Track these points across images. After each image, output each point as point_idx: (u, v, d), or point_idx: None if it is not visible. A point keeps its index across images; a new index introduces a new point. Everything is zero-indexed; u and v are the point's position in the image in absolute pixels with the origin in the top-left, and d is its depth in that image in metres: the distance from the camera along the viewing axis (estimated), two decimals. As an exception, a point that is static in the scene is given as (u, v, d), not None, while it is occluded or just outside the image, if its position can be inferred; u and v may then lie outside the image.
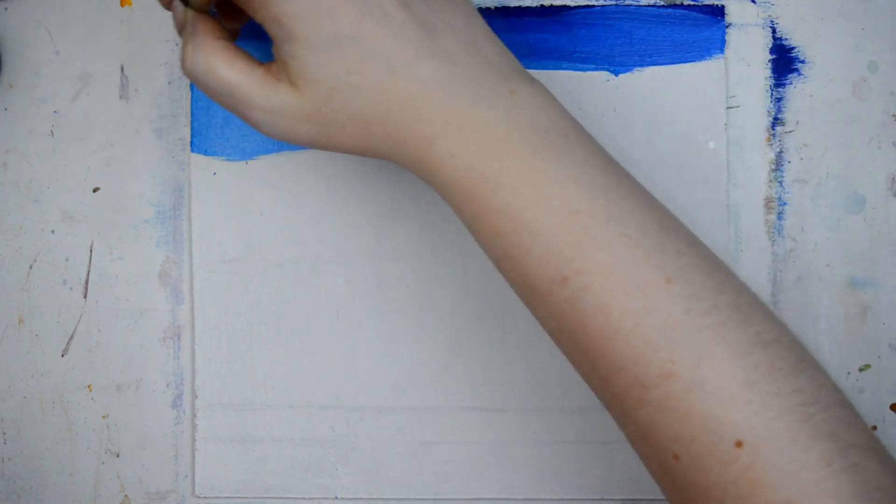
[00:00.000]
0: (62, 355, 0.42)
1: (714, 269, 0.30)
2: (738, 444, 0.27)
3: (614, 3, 0.40)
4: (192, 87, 0.41)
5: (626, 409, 0.30)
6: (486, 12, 0.41)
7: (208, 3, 0.33)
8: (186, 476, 0.41)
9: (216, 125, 0.41)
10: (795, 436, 0.27)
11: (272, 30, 0.30)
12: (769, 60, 0.40)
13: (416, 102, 0.30)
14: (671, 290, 0.29)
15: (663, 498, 0.40)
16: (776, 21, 0.40)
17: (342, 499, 0.41)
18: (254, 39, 0.39)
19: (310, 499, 0.41)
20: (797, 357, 0.29)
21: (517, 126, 0.30)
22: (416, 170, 0.32)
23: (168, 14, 0.41)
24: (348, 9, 0.30)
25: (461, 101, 0.30)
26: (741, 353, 0.28)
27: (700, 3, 0.40)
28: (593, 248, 0.29)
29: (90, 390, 0.42)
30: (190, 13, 0.33)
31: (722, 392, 0.28)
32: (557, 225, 0.29)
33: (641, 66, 0.40)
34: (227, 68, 0.31)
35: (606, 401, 0.31)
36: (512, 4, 0.41)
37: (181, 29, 0.33)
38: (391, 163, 0.35)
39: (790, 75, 0.40)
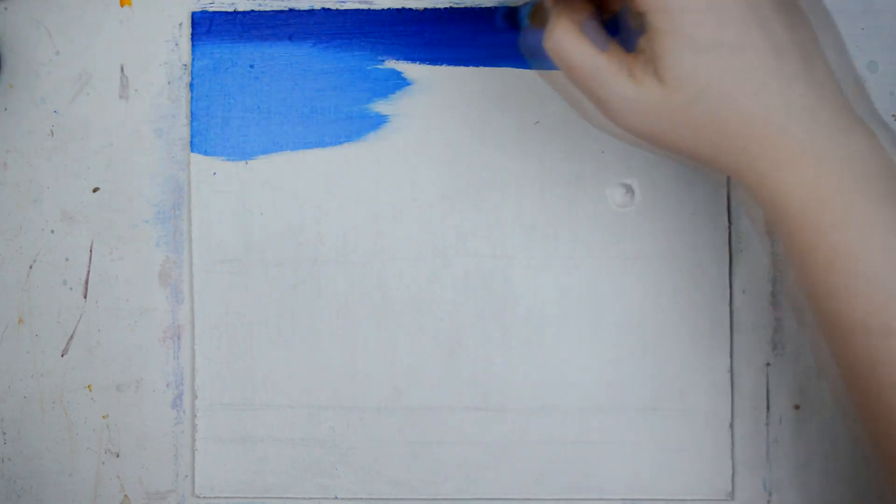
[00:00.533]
0: (62, 355, 0.42)
1: None
2: None
3: (614, 3, 0.40)
4: (192, 86, 0.41)
5: None
6: (485, 12, 0.41)
7: None
8: (186, 476, 0.41)
9: (216, 125, 0.41)
10: None
11: (653, 19, 0.30)
12: (769, 60, 0.40)
13: (781, 122, 0.30)
14: None
15: (663, 498, 0.40)
16: (776, 21, 0.40)
17: (342, 499, 0.41)
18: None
19: (310, 499, 0.41)
20: None
21: (873, 166, 0.30)
22: (756, 189, 0.31)
23: (166, 13, 0.41)
24: (737, 16, 0.29)
25: (826, 129, 0.30)
26: None
27: (700, 3, 0.40)
28: None
29: (90, 390, 0.42)
30: None
31: None
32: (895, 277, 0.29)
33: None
34: (591, 49, 0.31)
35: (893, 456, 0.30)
36: (513, 4, 0.41)
37: (553, 4, 0.32)
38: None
39: (790, 75, 0.40)
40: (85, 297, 0.42)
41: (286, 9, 0.41)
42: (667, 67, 0.30)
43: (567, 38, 0.31)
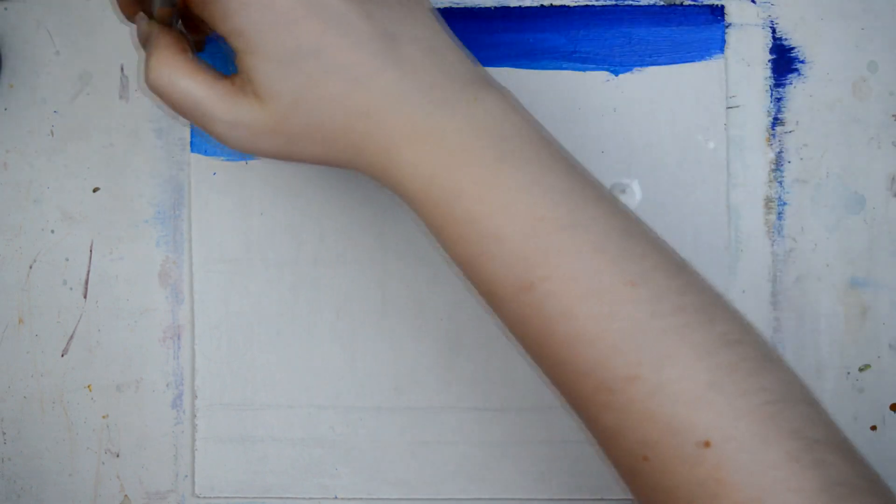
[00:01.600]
0: (62, 355, 0.42)
1: (678, 270, 0.30)
2: (705, 444, 0.27)
3: (614, 2, 0.40)
4: (192, 87, 0.41)
5: (592, 414, 0.30)
6: (486, 12, 0.41)
7: (171, 16, 0.33)
8: (186, 476, 0.41)
9: (216, 125, 0.41)
10: (761, 434, 0.27)
11: (234, 42, 0.30)
12: (769, 60, 0.40)
13: (377, 112, 0.30)
14: (635, 294, 0.29)
15: (663, 498, 0.40)
16: (776, 21, 0.40)
17: (342, 499, 0.41)
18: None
19: (310, 499, 0.41)
20: (762, 355, 0.29)
21: (479, 134, 0.30)
22: (381, 179, 0.32)
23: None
24: (309, 21, 0.30)
25: (423, 110, 0.30)
26: (705, 353, 0.28)
27: (700, 3, 0.40)
28: (557, 254, 0.29)
29: (90, 390, 0.42)
30: (154, 26, 0.33)
31: (687, 393, 0.28)
32: (521, 232, 0.29)
33: (641, 65, 0.40)
34: (190, 81, 0.31)
35: (573, 405, 0.31)
36: (512, 4, 0.41)
37: (144, 42, 0.33)
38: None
39: (790, 75, 0.40)
40: (85, 297, 0.42)
41: (286, 9, 0.41)
42: (259, 84, 0.30)
43: (164, 74, 0.31)
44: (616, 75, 0.40)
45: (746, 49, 0.40)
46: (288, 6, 0.30)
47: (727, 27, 0.40)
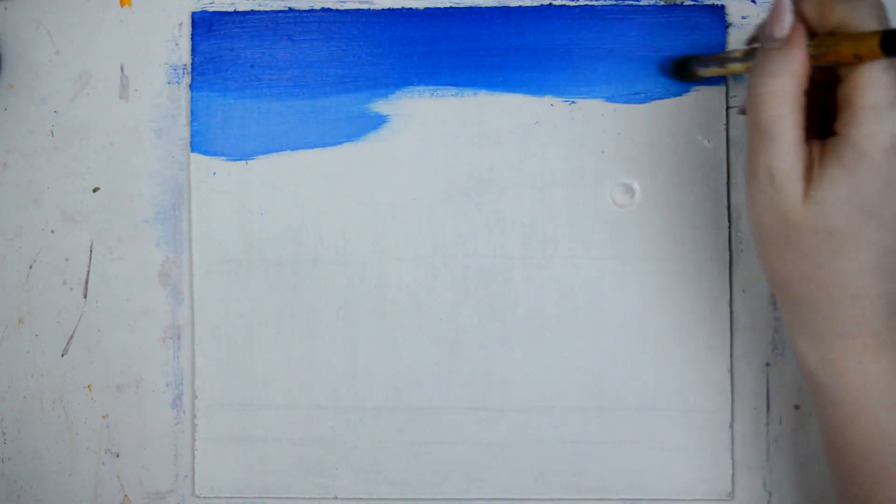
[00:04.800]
0: (62, 355, 0.42)
1: None
2: None
3: (614, 2, 0.40)
4: (192, 86, 0.41)
5: None
6: (486, 12, 0.41)
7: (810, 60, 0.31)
8: (186, 476, 0.41)
9: (216, 125, 0.41)
10: None
11: (849, 117, 0.29)
12: (769, 60, 0.40)
13: (865, 294, 0.30)
14: None
15: (663, 498, 0.40)
16: (776, 21, 0.40)
17: (342, 499, 0.41)
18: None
19: (310, 499, 0.41)
20: None
21: None
22: (811, 350, 0.32)
23: (166, 13, 0.41)
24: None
25: None
26: None
27: (700, 3, 0.40)
28: None
29: (90, 390, 0.42)
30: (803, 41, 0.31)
31: None
32: None
33: (641, 65, 0.40)
34: (793, 127, 0.30)
35: None
36: (512, 4, 0.41)
37: (778, 38, 0.31)
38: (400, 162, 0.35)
39: (790, 75, 0.40)
40: (85, 297, 0.42)
41: (286, 8, 0.41)
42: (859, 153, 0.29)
43: (774, 107, 0.30)
44: (616, 75, 0.40)
45: (746, 49, 0.40)
46: None
47: (727, 27, 0.40)
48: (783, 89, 0.30)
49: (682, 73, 0.39)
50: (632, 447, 0.40)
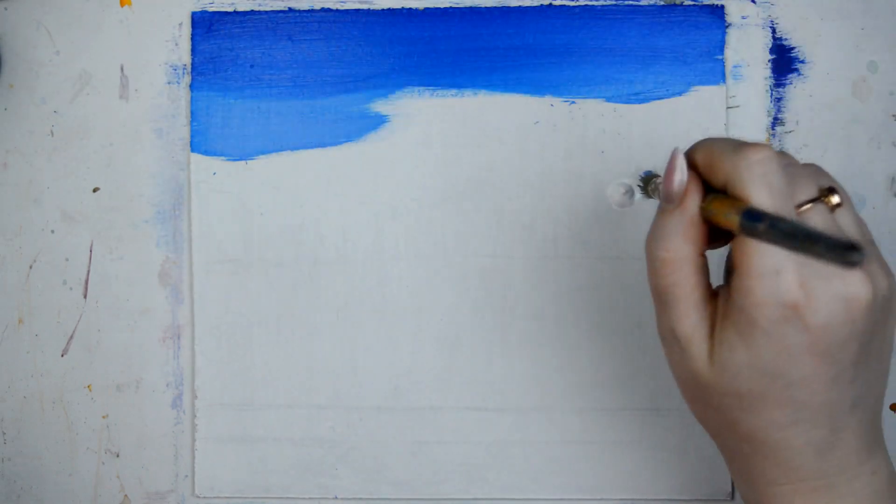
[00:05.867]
0: (62, 355, 0.42)
1: None
2: None
3: (614, 2, 0.40)
4: (192, 86, 0.41)
5: None
6: (486, 12, 0.41)
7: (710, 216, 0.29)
8: (186, 476, 0.41)
9: (216, 125, 0.41)
10: None
11: (738, 283, 0.27)
12: (769, 60, 0.40)
13: (787, 445, 0.29)
14: None
15: (663, 498, 0.40)
16: (776, 21, 0.40)
17: (342, 499, 0.41)
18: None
19: (310, 499, 0.41)
20: None
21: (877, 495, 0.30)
22: (747, 492, 0.31)
23: (166, 13, 0.41)
24: (818, 365, 0.28)
25: (827, 465, 0.29)
26: None
27: (700, 3, 0.40)
28: None
29: (90, 390, 0.42)
30: (697, 205, 0.29)
31: None
32: None
33: (642, 65, 0.40)
34: (694, 295, 0.29)
35: None
36: (512, 4, 0.41)
37: (671, 200, 0.30)
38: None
39: (790, 75, 0.40)
40: (85, 297, 0.42)
41: (286, 9, 0.41)
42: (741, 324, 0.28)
43: (674, 248, 0.29)
44: (616, 75, 0.40)
45: (746, 49, 0.40)
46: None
47: (727, 27, 0.40)
48: (678, 254, 0.29)
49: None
50: (631, 447, 0.40)
